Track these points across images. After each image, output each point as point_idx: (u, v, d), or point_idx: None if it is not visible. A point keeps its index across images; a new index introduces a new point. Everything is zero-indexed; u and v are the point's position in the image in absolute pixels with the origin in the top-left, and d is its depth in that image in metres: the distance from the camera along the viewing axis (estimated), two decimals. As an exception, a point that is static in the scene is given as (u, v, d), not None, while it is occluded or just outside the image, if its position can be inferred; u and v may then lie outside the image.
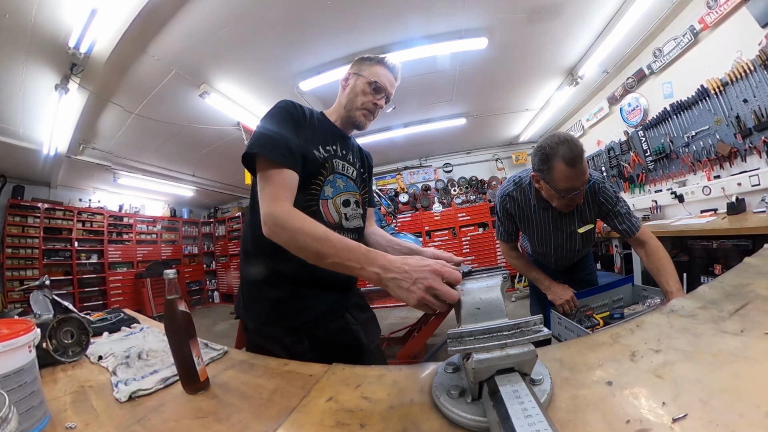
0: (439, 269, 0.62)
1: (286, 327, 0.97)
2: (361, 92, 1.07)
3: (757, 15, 2.44)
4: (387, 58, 1.11)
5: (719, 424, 0.41)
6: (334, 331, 1.01)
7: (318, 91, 3.72)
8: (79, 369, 0.90)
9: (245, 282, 1.05)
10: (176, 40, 2.79)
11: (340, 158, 1.07)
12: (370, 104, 1.08)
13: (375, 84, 1.07)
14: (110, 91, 3.36)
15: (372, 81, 1.07)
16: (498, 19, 3.07)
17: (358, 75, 1.08)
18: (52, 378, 0.85)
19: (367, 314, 1.17)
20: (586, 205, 1.49)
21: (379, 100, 1.09)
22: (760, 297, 0.77)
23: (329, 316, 1.01)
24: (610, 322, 1.41)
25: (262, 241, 0.83)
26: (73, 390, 0.76)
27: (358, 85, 1.08)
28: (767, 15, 2.37)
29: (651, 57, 3.59)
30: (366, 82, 1.07)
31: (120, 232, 6.60)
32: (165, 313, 0.70)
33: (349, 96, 1.09)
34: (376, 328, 1.19)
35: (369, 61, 1.10)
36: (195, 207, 8.40)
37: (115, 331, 1.25)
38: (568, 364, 0.63)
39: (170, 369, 0.77)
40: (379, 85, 1.07)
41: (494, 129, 6.11)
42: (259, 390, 0.69)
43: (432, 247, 1.39)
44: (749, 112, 2.65)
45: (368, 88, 1.07)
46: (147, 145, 4.76)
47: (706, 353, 0.59)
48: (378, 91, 1.08)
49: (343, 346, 1.01)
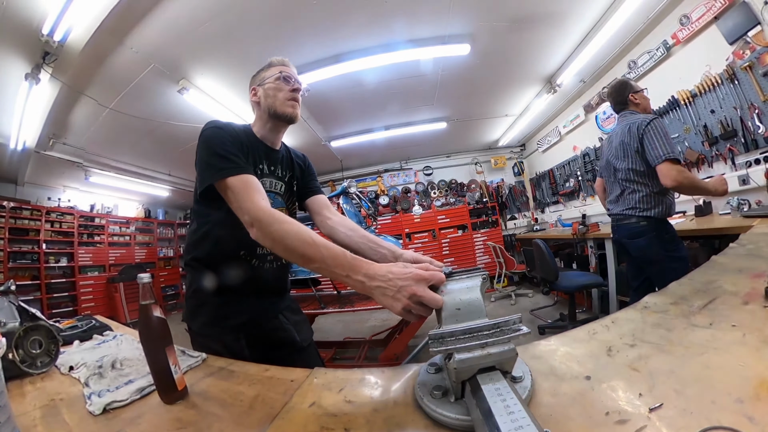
0: (422, 274, 0.62)
1: (225, 327, 1.04)
2: (275, 90, 1.09)
3: (726, 33, 2.61)
4: (273, 58, 1.15)
5: (693, 412, 0.44)
6: (269, 331, 1.12)
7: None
8: (48, 381, 0.85)
9: (190, 288, 1.11)
10: (156, 32, 2.69)
11: (268, 175, 1.12)
12: (290, 93, 1.10)
13: (281, 74, 1.09)
14: (84, 83, 3.20)
15: (278, 74, 1.09)
16: (481, 26, 3.14)
17: (262, 84, 1.11)
18: (20, 391, 0.80)
19: (299, 316, 1.27)
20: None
21: (293, 86, 1.11)
22: (727, 292, 0.82)
23: (264, 317, 1.12)
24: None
25: (202, 252, 1.00)
26: (42, 404, 0.72)
27: (268, 87, 1.10)
28: (735, 33, 2.55)
29: (626, 68, 3.77)
30: (274, 79, 1.09)
31: (91, 234, 6.28)
32: (139, 320, 0.67)
33: (266, 101, 1.10)
34: (308, 329, 1.29)
35: (261, 70, 1.14)
36: (171, 208, 8.12)
37: (86, 339, 1.18)
38: (547, 361, 0.64)
39: (146, 378, 0.74)
40: (285, 74, 1.10)
41: (474, 133, 6.24)
42: (239, 397, 0.67)
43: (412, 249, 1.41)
44: (716, 122, 2.82)
45: (279, 82, 1.09)
46: (121, 141, 4.56)
47: (678, 346, 0.62)
48: (287, 80, 1.10)
49: (277, 343, 1.12)
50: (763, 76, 2.42)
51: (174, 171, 5.96)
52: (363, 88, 3.94)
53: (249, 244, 0.94)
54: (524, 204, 7.02)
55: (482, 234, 6.46)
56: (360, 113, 4.71)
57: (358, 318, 4.67)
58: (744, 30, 2.49)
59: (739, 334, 0.61)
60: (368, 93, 4.10)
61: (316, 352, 1.31)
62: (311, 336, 1.29)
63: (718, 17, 2.64)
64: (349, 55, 3.29)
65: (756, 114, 2.53)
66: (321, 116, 4.60)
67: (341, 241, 1.08)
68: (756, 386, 0.46)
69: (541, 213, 6.70)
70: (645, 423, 0.44)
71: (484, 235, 6.43)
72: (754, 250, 1.21)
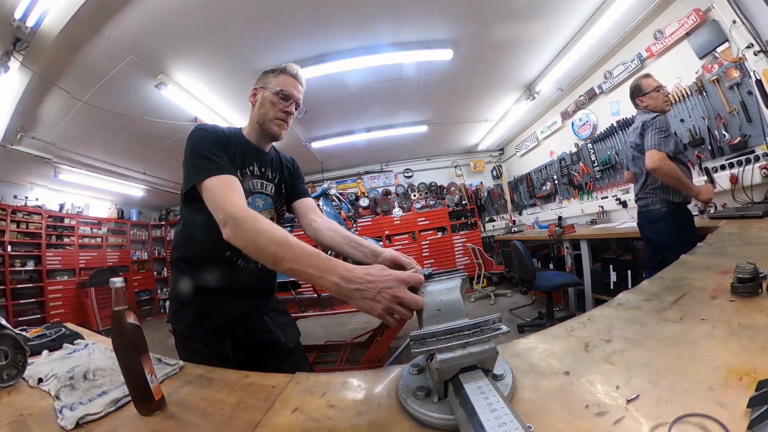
0: (402, 276, 0.63)
1: (209, 328, 1.04)
2: (270, 103, 1.10)
3: (696, 48, 2.79)
4: (289, 66, 1.15)
5: (668, 401, 0.46)
6: (254, 332, 1.13)
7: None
8: (16, 395, 0.80)
9: (175, 289, 1.10)
10: (136, 23, 2.56)
11: (258, 177, 1.13)
12: (281, 113, 1.11)
13: (282, 92, 1.10)
14: (57, 74, 3.01)
15: (278, 90, 1.10)
16: (465, 33, 3.19)
17: (264, 88, 1.12)
18: (-15, 407, 0.74)
19: (285, 318, 1.28)
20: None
21: (288, 107, 1.12)
22: (695, 288, 0.87)
23: (248, 318, 1.13)
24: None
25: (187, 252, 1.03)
26: (10, 420, 0.68)
27: (266, 97, 1.11)
28: (705, 48, 2.72)
29: (602, 78, 3.95)
30: (273, 92, 1.10)
31: (60, 235, 5.93)
32: (112, 327, 0.64)
33: (259, 110, 1.12)
34: (295, 331, 1.28)
35: (272, 72, 1.14)
36: (145, 208, 7.80)
37: (56, 348, 1.12)
38: (527, 358, 0.66)
39: (121, 389, 0.71)
40: (286, 93, 1.11)
41: (454, 137, 6.33)
42: (219, 406, 0.66)
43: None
44: (685, 130, 3.00)
45: (276, 98, 1.10)
46: (94, 137, 4.33)
47: (651, 340, 0.65)
48: (286, 99, 1.12)
49: (262, 345, 1.13)
50: (730, 89, 2.59)
51: (149, 169, 5.72)
52: (345, 89, 3.92)
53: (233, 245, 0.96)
54: (502, 206, 7.18)
55: (461, 236, 6.57)
56: (342, 114, 4.69)
57: (339, 321, 4.64)
58: (713, 46, 2.66)
59: (708, 327, 0.65)
60: (350, 94, 4.08)
61: (303, 354, 1.31)
62: (298, 337, 1.28)
63: (690, 33, 2.81)
64: (332, 55, 3.27)
65: (722, 124, 2.70)
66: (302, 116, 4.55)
67: (324, 242, 1.09)
68: (725, 375, 0.49)
69: (519, 215, 6.86)
70: (623, 414, 0.46)
71: (463, 237, 6.55)
72: (720, 249, 1.29)
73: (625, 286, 2.80)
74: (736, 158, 2.62)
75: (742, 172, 2.57)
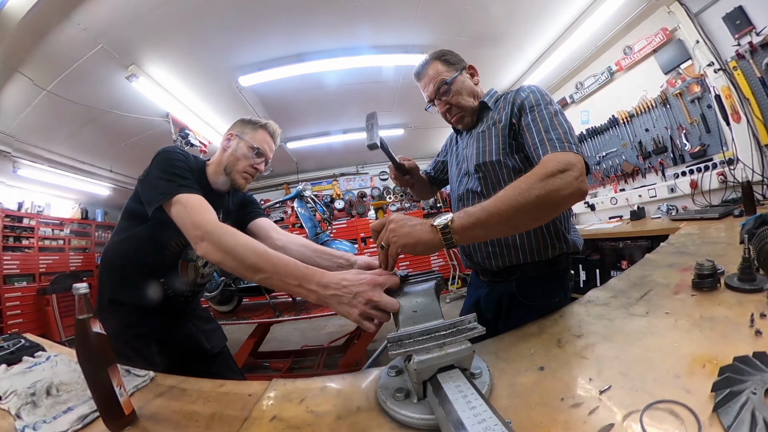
0: (377, 279, 0.63)
1: (135, 334, 1.05)
2: (242, 156, 1.11)
3: (662, 64, 3.01)
4: (269, 124, 1.18)
5: (638, 390, 0.49)
6: (179, 338, 1.14)
7: (258, 88, 3.57)
8: None
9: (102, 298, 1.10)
10: (108, 8, 2.42)
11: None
12: (251, 168, 1.12)
13: (257, 150, 1.12)
14: (19, 59, 2.78)
15: (254, 146, 1.11)
16: (444, 40, 3.23)
17: (240, 138, 1.12)
18: (-63, 431, 0.68)
19: (211, 325, 1.31)
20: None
21: (259, 164, 1.13)
22: (659, 285, 0.92)
23: (174, 325, 1.15)
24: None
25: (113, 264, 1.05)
26: None
27: (240, 148, 1.11)
28: (670, 65, 2.94)
29: (573, 89, 4.13)
30: (248, 146, 1.11)
31: (19, 237, 5.49)
32: (76, 337, 0.60)
33: (230, 158, 1.12)
34: (220, 337, 1.32)
35: (251, 124, 1.15)
36: (111, 208, 7.38)
37: (15, 362, 1.03)
38: (503, 356, 0.68)
39: (88, 404, 0.67)
40: (260, 151, 1.12)
41: (430, 141, 6.40)
42: (194, 418, 0.63)
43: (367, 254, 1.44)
44: (649, 139, 3.21)
45: (250, 152, 1.11)
46: (58, 130, 4.06)
47: (620, 334, 0.68)
48: (259, 155, 1.13)
49: (188, 350, 1.15)
50: (691, 103, 2.82)
51: (116, 167, 5.45)
52: (323, 90, 3.89)
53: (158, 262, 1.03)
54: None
55: (437, 238, 6.66)
56: (318, 115, 4.65)
57: (315, 325, 4.59)
58: (677, 63, 2.87)
59: (672, 320, 0.69)
60: (328, 95, 4.06)
61: (231, 359, 1.35)
62: (224, 344, 1.32)
63: (657, 50, 3.03)
64: (311, 55, 3.24)
65: (684, 134, 2.92)
66: (278, 116, 4.47)
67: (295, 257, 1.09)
68: (690, 363, 0.52)
69: (492, 218, 7.03)
70: (597, 404, 0.48)
71: (438, 239, 6.63)
72: (681, 248, 1.38)
73: (594, 284, 2.92)
74: (696, 165, 2.84)
75: (701, 178, 2.79)
